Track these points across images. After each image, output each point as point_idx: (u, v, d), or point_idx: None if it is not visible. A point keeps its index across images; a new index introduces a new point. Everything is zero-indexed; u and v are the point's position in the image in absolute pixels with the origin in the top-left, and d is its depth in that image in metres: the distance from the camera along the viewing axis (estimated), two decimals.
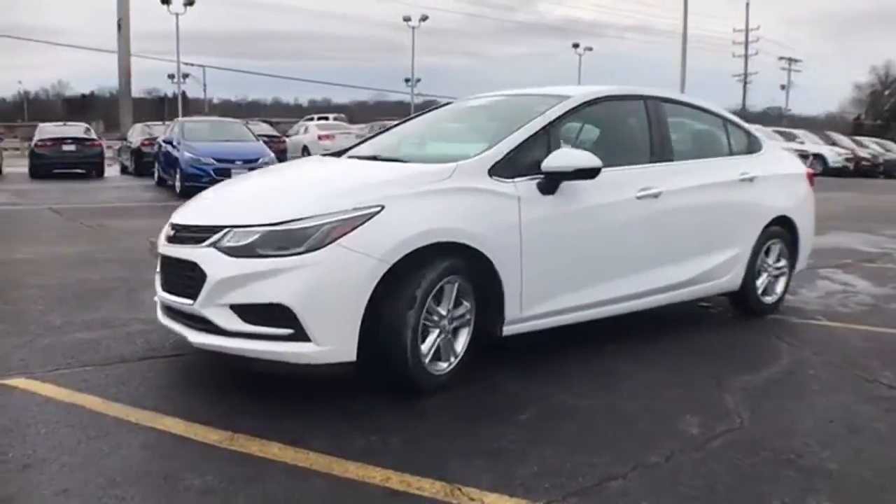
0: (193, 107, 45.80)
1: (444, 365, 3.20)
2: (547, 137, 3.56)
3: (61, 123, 19.58)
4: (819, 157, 22.20)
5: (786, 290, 4.95)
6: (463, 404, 3.07)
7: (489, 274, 3.26)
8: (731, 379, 3.47)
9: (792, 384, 3.50)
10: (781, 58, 54.94)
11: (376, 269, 2.89)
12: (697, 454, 2.65)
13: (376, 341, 2.95)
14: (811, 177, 5.21)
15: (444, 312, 3.15)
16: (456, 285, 3.18)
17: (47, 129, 18.09)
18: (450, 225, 3.11)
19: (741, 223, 4.47)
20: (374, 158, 3.88)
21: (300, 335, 2.84)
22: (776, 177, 4.78)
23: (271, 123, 27.30)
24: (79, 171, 17.55)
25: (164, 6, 31.83)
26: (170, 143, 13.68)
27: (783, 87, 55.89)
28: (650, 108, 4.12)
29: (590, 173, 3.41)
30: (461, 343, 3.28)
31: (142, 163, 17.35)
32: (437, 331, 3.13)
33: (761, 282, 4.72)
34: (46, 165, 16.95)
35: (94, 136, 18.56)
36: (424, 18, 44.01)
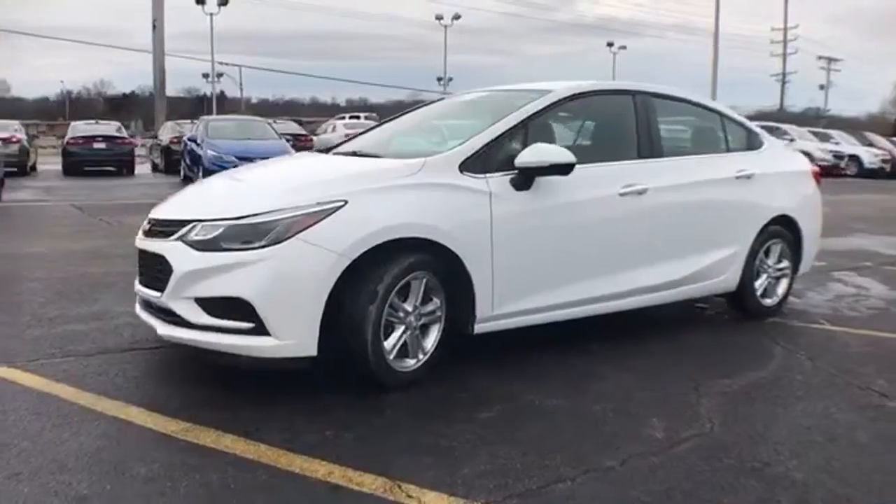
0: (230, 106, 46.59)
1: (411, 362, 3.17)
2: (524, 133, 3.51)
3: (93, 122, 20.12)
4: (854, 159, 21.54)
5: (788, 293, 4.79)
6: (425, 401, 3.04)
7: (458, 271, 3.22)
8: (711, 382, 3.37)
9: (776, 389, 3.38)
10: (820, 57, 53.47)
11: (337, 264, 2.88)
12: (657, 459, 2.57)
13: (338, 337, 2.94)
14: (818, 175, 5.04)
15: (410, 309, 3.12)
16: (423, 281, 3.15)
17: (79, 128, 18.61)
18: (414, 220, 3.08)
19: (737, 222, 4.34)
20: (355, 154, 3.87)
21: (260, 329, 2.85)
22: (777, 175, 4.63)
23: (300, 122, 27.64)
24: (110, 168, 18.03)
25: (199, 6, 32.41)
26: (194, 140, 13.93)
27: (822, 87, 54.40)
28: (638, 103, 4.02)
29: (563, 169, 3.34)
30: (431, 340, 3.24)
31: (171, 160, 17.71)
32: (402, 327, 3.11)
33: (760, 283, 4.58)
34: (78, 163, 17.44)
35: (124, 134, 19.04)
36: (457, 17, 44.04)
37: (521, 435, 2.74)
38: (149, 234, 3.35)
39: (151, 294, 3.18)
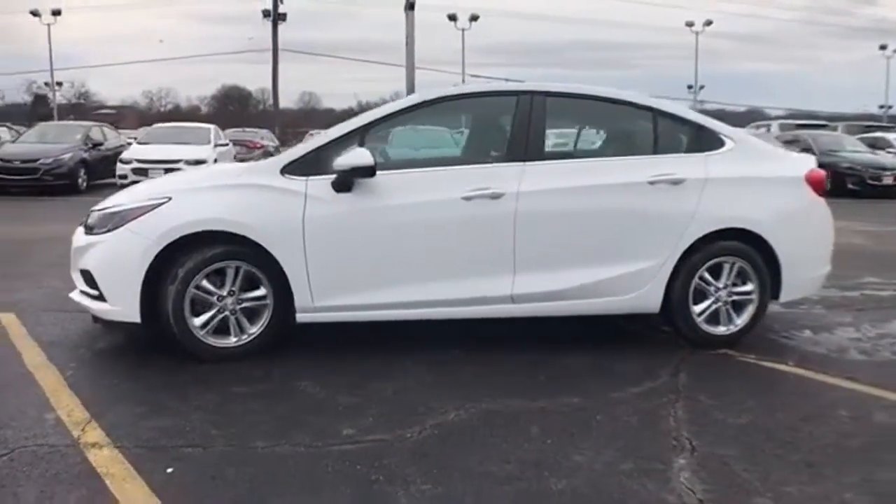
0: None
1: (231, 340, 3.63)
2: (360, 139, 3.69)
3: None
4: None
5: (754, 322, 4.00)
6: (187, 378, 3.39)
7: (275, 263, 3.58)
8: (499, 401, 3.15)
9: (558, 420, 2.97)
10: None
11: (150, 248, 3.48)
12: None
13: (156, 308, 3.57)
14: (819, 183, 4.09)
15: (224, 293, 3.59)
16: (240, 270, 3.58)
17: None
18: (220, 216, 3.52)
19: (651, 233, 3.82)
20: (243, 160, 4.42)
21: (101, 297, 3.61)
22: (736, 180, 3.93)
23: None
24: None
25: (451, 22, 35.15)
26: None
27: None
28: (521, 104, 3.82)
29: (366, 171, 3.47)
30: (257, 324, 3.65)
31: None
32: (215, 309, 3.59)
33: (704, 308, 3.94)
34: None
35: None
36: (709, 23, 40.48)
37: (225, 413, 3.02)
38: None
39: None
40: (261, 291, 3.64)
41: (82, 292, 3.78)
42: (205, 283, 3.56)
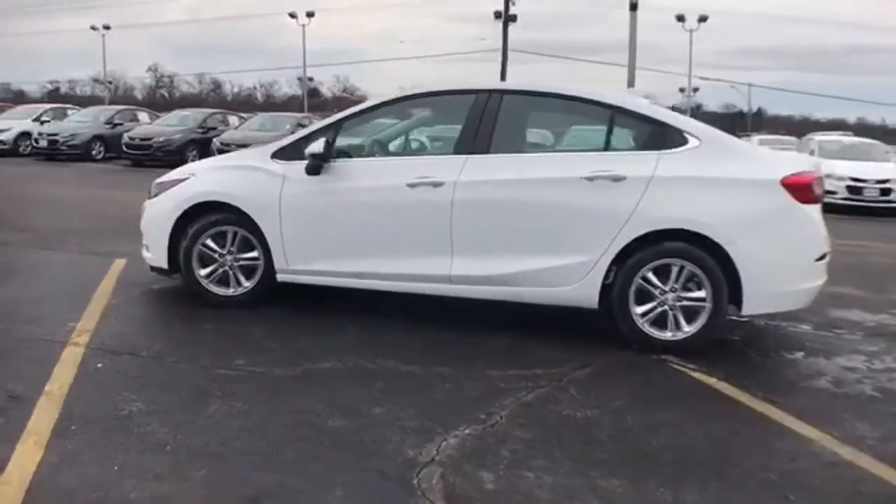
0: (762, 123, 46.53)
1: (230, 290, 4.51)
2: (334, 131, 4.30)
3: None
4: None
5: (706, 332, 3.81)
6: (187, 315, 4.32)
7: (260, 230, 4.37)
8: (375, 361, 3.57)
9: (405, 382, 3.33)
10: None
11: (174, 212, 4.48)
12: None
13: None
14: (803, 187, 3.72)
15: (223, 252, 4.47)
16: (237, 234, 4.43)
17: None
18: (216, 189, 4.40)
19: (584, 227, 3.86)
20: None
21: (147, 248, 4.74)
22: (687, 179, 3.80)
23: None
24: None
25: (679, 23, 33.38)
26: None
27: None
28: (477, 102, 4.11)
29: (320, 157, 4.09)
30: (252, 279, 4.48)
31: None
32: (216, 264, 4.48)
33: (647, 310, 3.87)
34: None
35: None
36: None
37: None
38: None
39: None
40: (254, 253, 4.47)
41: (144, 244, 4.96)
42: (209, 241, 4.48)
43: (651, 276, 3.85)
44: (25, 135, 18.12)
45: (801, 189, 3.75)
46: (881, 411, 3.27)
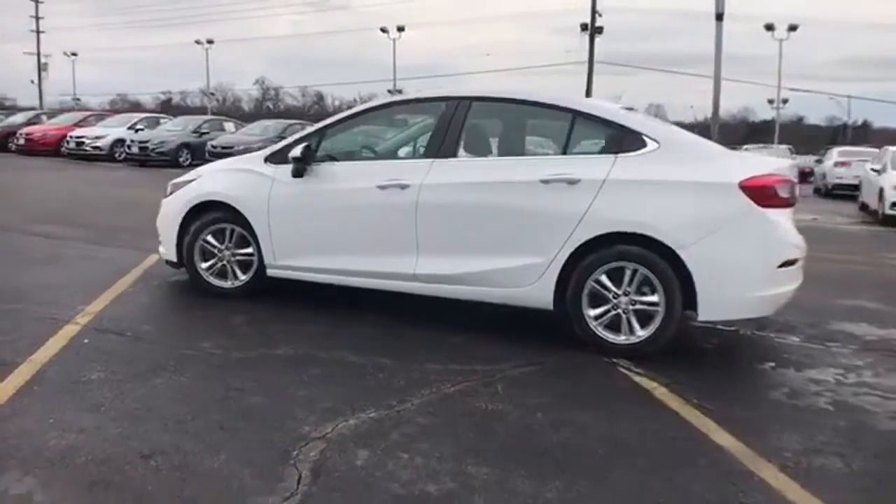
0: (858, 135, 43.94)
1: (227, 283, 4.91)
2: (319, 138, 4.60)
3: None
4: None
5: (661, 336, 3.79)
6: (189, 303, 4.74)
7: (253, 228, 4.74)
8: (340, 352, 3.80)
9: (345, 371, 3.52)
10: None
11: (181, 210, 4.94)
12: None
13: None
14: (760, 191, 3.62)
15: (221, 247, 4.86)
16: (233, 231, 4.82)
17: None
18: (218, 190, 4.81)
19: (538, 229, 3.94)
20: None
21: (161, 242, 5.22)
22: (641, 182, 3.80)
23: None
24: None
25: (769, 32, 31.83)
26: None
27: None
28: (448, 108, 4.28)
29: (299, 160, 4.39)
30: (248, 273, 4.87)
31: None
32: (214, 258, 4.89)
33: (601, 313, 3.90)
34: None
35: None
36: None
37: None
38: None
39: None
40: (249, 249, 4.84)
41: (159, 240, 5.47)
42: (210, 238, 4.89)
43: (604, 279, 3.86)
44: (120, 142, 19.97)
45: (760, 192, 3.66)
46: (820, 425, 3.13)
